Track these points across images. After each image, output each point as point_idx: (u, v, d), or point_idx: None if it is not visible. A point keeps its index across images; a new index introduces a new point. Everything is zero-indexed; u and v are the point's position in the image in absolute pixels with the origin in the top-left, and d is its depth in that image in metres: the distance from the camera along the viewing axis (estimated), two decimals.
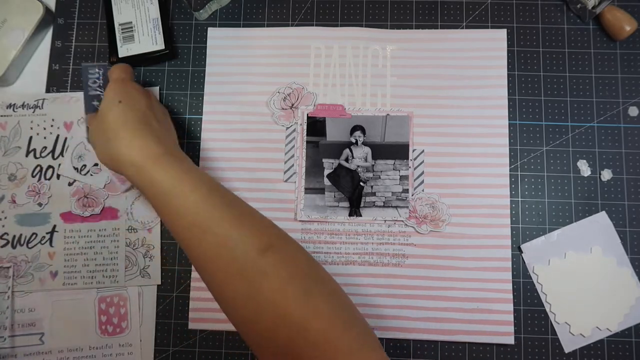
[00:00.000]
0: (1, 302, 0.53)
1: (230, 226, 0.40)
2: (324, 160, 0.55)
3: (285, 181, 0.55)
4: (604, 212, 0.53)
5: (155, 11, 0.57)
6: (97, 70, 0.52)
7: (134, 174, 0.43)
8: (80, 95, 0.56)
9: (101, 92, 0.51)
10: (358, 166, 0.55)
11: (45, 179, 0.55)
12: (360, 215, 0.54)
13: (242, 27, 0.58)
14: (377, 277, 0.53)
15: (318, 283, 0.40)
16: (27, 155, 0.56)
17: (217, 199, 0.41)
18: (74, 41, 0.58)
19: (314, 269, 0.41)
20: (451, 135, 0.55)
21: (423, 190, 0.54)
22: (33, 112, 0.56)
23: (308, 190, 0.54)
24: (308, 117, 0.56)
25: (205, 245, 0.39)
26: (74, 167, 0.55)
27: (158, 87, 0.57)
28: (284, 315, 0.36)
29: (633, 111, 0.55)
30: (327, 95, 0.56)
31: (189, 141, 0.56)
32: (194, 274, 0.54)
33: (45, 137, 0.56)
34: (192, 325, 0.53)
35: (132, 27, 0.57)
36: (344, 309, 0.39)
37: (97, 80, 0.52)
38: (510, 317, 0.51)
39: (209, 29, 0.58)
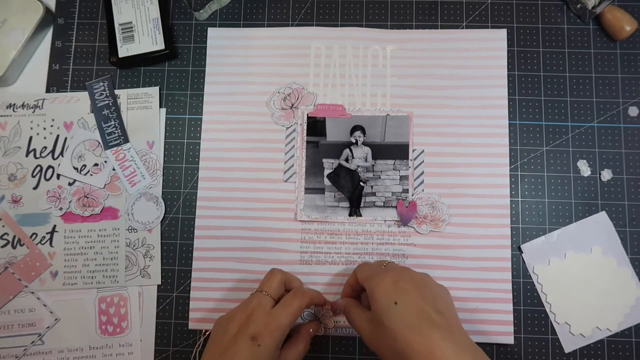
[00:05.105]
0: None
1: None
2: (324, 160, 0.55)
3: (285, 181, 0.55)
4: (604, 212, 0.53)
5: (155, 11, 0.57)
6: (100, 83, 0.56)
7: None
8: (80, 95, 0.56)
9: (109, 100, 0.54)
10: (358, 166, 0.55)
11: (45, 179, 0.55)
12: (360, 215, 0.54)
13: (242, 27, 0.58)
14: None
15: None
16: (27, 155, 0.56)
17: None
18: (74, 41, 0.58)
19: None
20: (451, 135, 0.55)
21: (423, 190, 0.54)
22: (33, 112, 0.56)
23: (308, 190, 0.54)
24: (308, 117, 0.56)
25: None
26: (73, 167, 0.55)
27: (158, 87, 0.57)
28: None
29: (633, 111, 0.55)
30: (327, 95, 0.56)
31: (189, 141, 0.56)
32: (194, 274, 0.54)
33: (45, 137, 0.56)
34: (192, 325, 0.53)
35: (132, 27, 0.57)
36: None
37: (103, 92, 0.55)
38: (510, 317, 0.51)
39: (209, 29, 0.58)
